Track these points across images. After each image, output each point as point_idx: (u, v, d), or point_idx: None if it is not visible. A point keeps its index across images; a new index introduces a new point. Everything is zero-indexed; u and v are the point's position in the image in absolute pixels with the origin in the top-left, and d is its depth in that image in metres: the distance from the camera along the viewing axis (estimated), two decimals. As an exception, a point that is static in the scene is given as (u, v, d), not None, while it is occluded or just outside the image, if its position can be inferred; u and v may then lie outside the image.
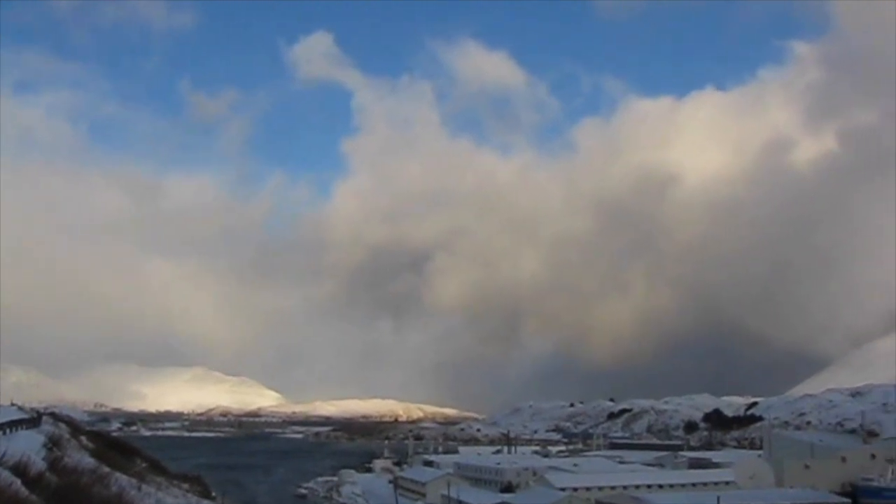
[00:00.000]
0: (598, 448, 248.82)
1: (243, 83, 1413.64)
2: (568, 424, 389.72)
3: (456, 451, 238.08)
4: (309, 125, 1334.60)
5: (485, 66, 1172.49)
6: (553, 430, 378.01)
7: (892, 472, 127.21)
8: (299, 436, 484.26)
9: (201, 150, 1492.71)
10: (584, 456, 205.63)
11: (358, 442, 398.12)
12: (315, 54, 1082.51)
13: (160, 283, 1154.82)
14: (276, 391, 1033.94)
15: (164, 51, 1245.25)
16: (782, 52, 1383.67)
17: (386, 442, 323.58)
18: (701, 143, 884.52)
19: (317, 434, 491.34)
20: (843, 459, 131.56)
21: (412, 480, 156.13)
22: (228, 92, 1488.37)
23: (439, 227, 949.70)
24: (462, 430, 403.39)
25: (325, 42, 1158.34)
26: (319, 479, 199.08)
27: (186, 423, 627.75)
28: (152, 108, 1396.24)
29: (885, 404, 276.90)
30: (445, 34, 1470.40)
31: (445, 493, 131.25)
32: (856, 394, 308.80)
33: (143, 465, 55.97)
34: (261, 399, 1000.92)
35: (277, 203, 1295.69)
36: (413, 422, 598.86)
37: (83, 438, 57.11)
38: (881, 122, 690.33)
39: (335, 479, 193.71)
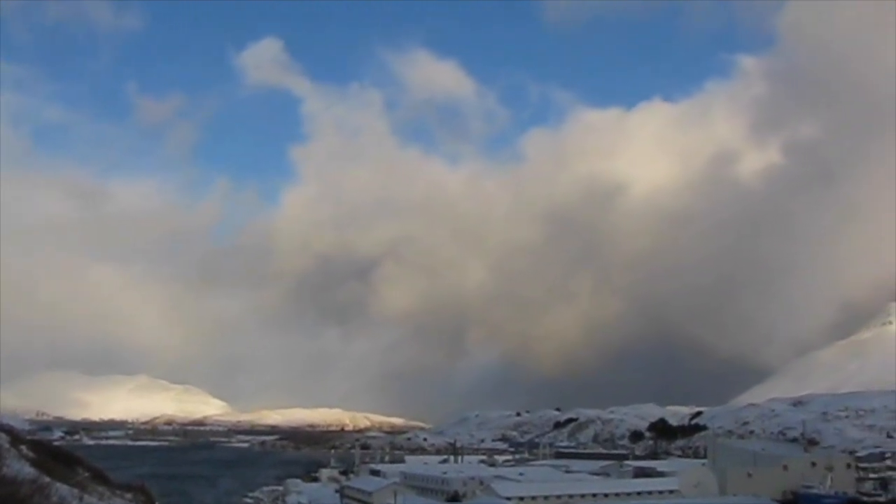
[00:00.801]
0: (545, 457, 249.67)
1: (191, 88, 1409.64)
2: (514, 434, 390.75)
3: (402, 461, 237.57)
4: (257, 131, 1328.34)
5: (434, 75, 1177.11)
6: (499, 440, 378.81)
7: (831, 480, 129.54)
8: (245, 445, 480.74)
9: (147, 155, 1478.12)
10: (531, 465, 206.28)
11: (304, 451, 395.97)
12: (264, 60, 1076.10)
13: (104, 290, 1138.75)
14: (222, 400, 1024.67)
15: (110, 53, 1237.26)
16: (729, 66, 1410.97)
17: (332, 451, 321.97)
18: (648, 153, 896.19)
19: (262, 443, 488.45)
20: (785, 467, 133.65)
21: (358, 490, 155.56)
22: (176, 96, 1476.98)
23: (387, 235, 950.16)
24: (409, 439, 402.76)
25: (275, 48, 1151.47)
26: (265, 488, 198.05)
27: (130, 431, 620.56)
28: (97, 111, 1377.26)
29: (824, 413, 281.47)
30: (395, 43, 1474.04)
31: (392, 502, 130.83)
32: (797, 403, 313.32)
33: (86, 474, 55.18)
34: (206, 408, 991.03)
35: (224, 209, 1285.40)
36: (359, 431, 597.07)
37: (23, 448, 56.10)
38: (824, 134, 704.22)
39: (281, 488, 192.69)
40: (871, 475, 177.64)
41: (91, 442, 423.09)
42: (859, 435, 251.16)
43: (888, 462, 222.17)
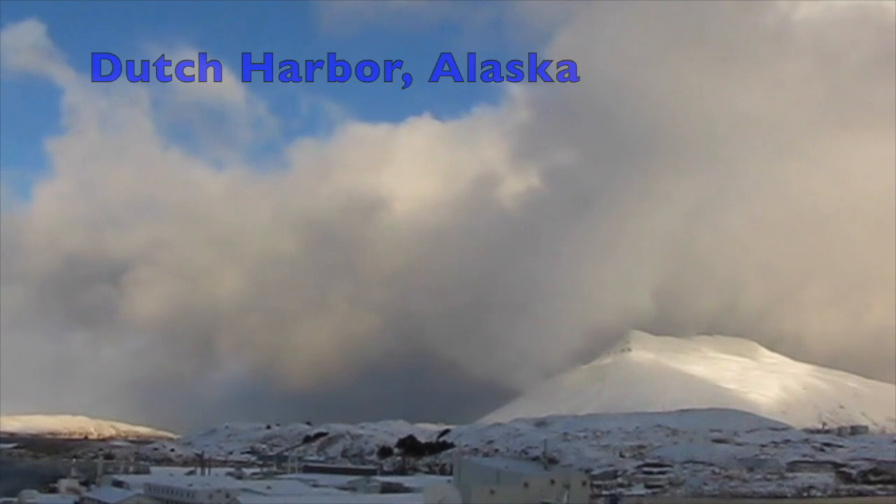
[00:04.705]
0: (293, 471, 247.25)
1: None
2: (264, 447, 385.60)
3: (148, 472, 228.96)
4: (11, 119, 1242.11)
5: (204, 77, 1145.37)
6: (249, 452, 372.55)
7: (567, 497, 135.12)
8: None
9: None
10: (279, 478, 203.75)
11: (43, 460, 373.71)
12: (24, 44, 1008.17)
13: None
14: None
15: None
16: (497, 90, 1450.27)
17: (74, 460, 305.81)
18: (413, 170, 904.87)
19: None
20: (526, 485, 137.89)
21: (99, 502, 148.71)
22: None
23: (142, 238, 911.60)
24: (155, 449, 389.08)
25: (37, 32, 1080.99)
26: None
27: None
28: None
29: (565, 433, 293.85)
30: (166, 40, 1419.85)
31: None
32: (540, 423, 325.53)
33: None
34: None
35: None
36: (104, 440, 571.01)
37: None
38: (581, 163, 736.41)
39: (15, 500, 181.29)
40: (604, 492, 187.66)
41: None
42: (595, 454, 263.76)
43: (619, 480, 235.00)
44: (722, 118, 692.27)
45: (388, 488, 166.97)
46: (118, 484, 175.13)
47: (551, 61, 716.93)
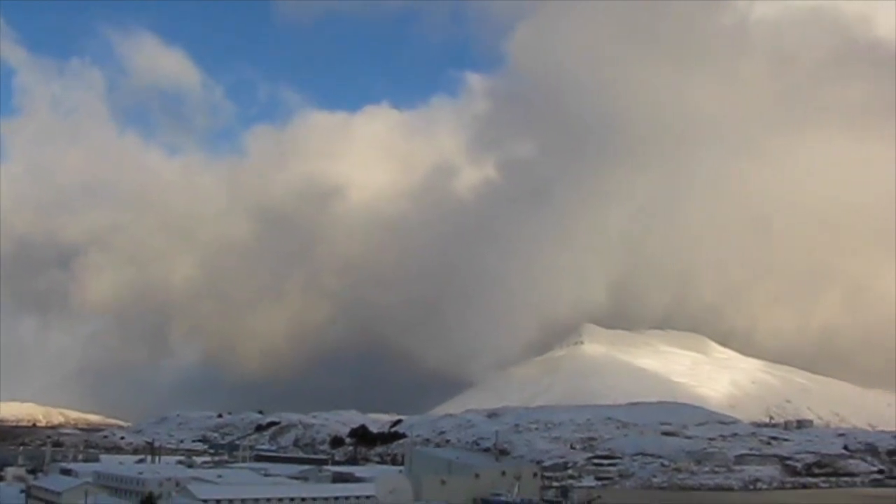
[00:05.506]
0: (244, 460, 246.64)
1: None
2: (215, 435, 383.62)
3: (97, 460, 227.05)
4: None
5: (160, 61, 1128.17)
6: (200, 441, 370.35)
7: (518, 488, 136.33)
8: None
9: None
10: (230, 467, 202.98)
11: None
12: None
13: None
14: None
15: None
16: (457, 80, 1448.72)
17: (21, 448, 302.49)
18: (370, 159, 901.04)
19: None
20: (477, 475, 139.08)
21: (46, 490, 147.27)
22: None
23: (95, 223, 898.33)
24: (105, 437, 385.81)
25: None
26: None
27: None
28: None
29: (516, 425, 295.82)
30: (122, 23, 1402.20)
31: (82, 502, 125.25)
32: (492, 415, 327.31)
33: None
34: None
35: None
36: (53, 427, 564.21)
37: None
38: (538, 155, 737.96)
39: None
40: (555, 483, 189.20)
41: None
42: (547, 446, 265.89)
43: (570, 471, 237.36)
44: (677, 115, 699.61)
45: (339, 478, 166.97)
46: (66, 472, 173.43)
47: (513, 52, 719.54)
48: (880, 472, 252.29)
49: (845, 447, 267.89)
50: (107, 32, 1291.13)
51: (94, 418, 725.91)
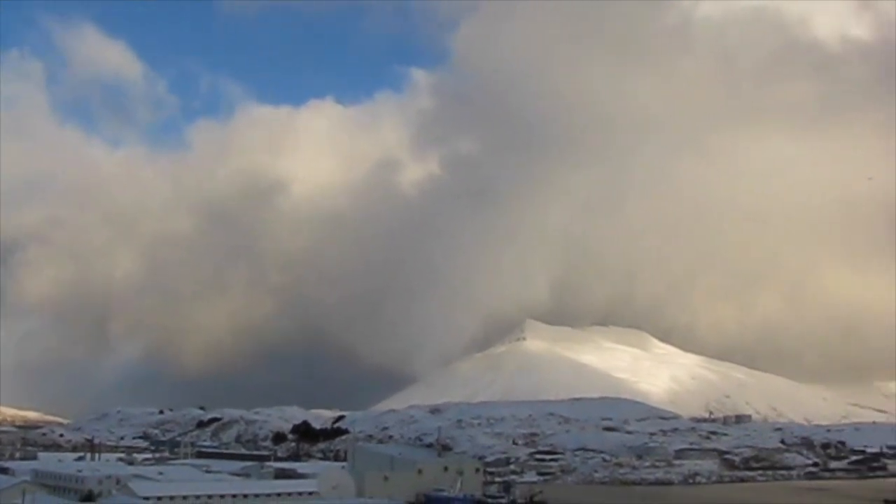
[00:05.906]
0: (186, 456, 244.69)
1: None
2: (156, 432, 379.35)
3: (35, 457, 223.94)
4: None
5: (102, 53, 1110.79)
6: (141, 437, 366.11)
7: (461, 483, 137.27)
8: None
9: None
10: (171, 464, 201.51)
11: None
12: None
13: None
14: None
15: None
16: (402, 76, 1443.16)
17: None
18: (314, 153, 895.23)
19: None
20: (420, 471, 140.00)
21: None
22: None
23: (34, 217, 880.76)
24: (44, 434, 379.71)
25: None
26: None
27: None
28: None
29: (459, 421, 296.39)
30: (62, 13, 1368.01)
31: (20, 502, 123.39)
32: (435, 410, 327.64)
33: None
34: None
35: None
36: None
37: None
38: (482, 152, 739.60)
39: None
40: (497, 479, 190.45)
41: None
42: (489, 442, 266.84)
43: (512, 467, 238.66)
44: (619, 113, 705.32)
45: (281, 474, 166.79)
46: (3, 470, 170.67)
47: (457, 48, 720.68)
48: (815, 464, 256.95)
49: (782, 441, 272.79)
50: (47, 23, 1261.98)
51: (31, 415, 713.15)
